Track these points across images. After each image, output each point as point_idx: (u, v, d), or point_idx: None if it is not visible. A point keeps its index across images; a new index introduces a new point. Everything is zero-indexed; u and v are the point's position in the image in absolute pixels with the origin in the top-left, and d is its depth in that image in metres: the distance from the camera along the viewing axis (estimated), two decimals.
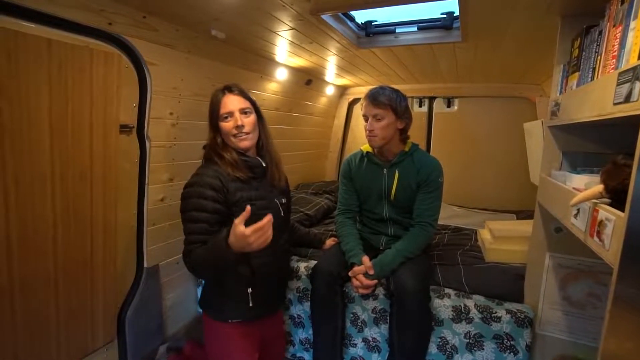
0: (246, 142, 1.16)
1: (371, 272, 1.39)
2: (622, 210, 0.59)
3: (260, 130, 1.22)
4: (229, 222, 1.07)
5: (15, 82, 0.99)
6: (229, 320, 1.19)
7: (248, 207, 0.98)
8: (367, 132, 1.45)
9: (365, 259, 1.42)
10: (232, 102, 1.14)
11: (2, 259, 1.02)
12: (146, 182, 1.47)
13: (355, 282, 1.41)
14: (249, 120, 1.16)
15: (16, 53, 0.97)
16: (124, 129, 1.36)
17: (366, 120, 1.46)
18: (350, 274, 1.43)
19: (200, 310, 1.50)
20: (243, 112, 1.15)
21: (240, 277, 1.16)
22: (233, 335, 1.19)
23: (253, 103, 1.20)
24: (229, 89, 1.17)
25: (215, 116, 1.15)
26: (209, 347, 1.25)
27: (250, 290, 1.17)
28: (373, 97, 1.43)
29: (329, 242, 1.72)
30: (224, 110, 1.14)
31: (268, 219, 0.98)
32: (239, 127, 1.13)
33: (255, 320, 1.22)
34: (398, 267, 1.41)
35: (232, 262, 1.02)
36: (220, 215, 1.11)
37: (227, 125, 1.14)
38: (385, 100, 1.41)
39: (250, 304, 1.17)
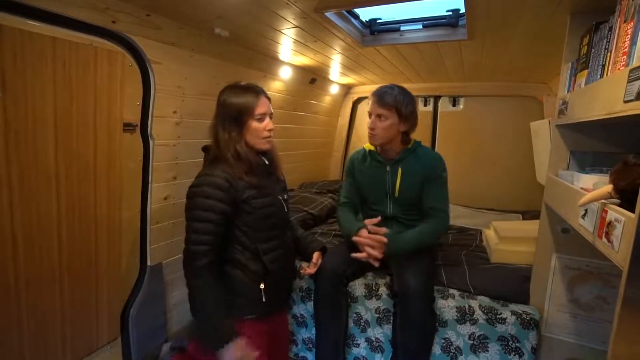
0: (269, 144, 1.21)
1: (383, 230, 1.39)
2: (632, 211, 0.58)
3: None
4: (236, 221, 1.11)
5: (21, 80, 0.99)
6: (244, 317, 1.18)
7: None
8: (369, 129, 1.46)
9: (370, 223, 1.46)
10: (266, 105, 1.18)
11: (8, 256, 1.03)
12: (150, 180, 1.47)
13: (361, 240, 1.39)
14: (272, 124, 1.21)
15: (22, 51, 0.98)
16: (128, 127, 1.36)
17: (370, 118, 1.46)
18: (354, 238, 1.42)
19: None
20: (270, 116, 1.21)
21: (252, 273, 1.18)
22: (248, 333, 1.16)
23: None
24: (262, 91, 1.20)
25: (246, 114, 1.15)
26: None
27: (262, 286, 1.18)
28: (379, 97, 1.42)
29: (316, 256, 1.46)
30: (260, 110, 1.16)
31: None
32: (270, 130, 1.18)
33: (268, 316, 1.23)
34: (402, 265, 1.40)
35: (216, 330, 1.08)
36: (225, 217, 1.11)
37: (260, 125, 1.16)
38: (391, 101, 1.41)
39: (264, 299, 1.18)
